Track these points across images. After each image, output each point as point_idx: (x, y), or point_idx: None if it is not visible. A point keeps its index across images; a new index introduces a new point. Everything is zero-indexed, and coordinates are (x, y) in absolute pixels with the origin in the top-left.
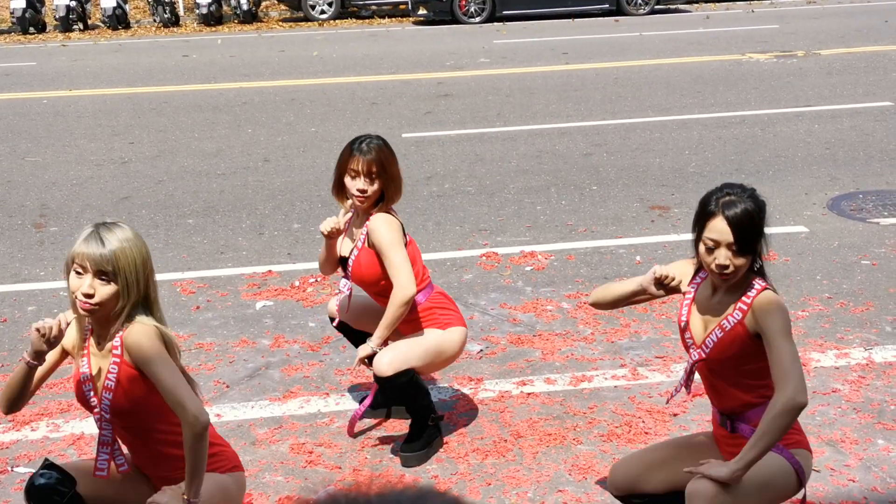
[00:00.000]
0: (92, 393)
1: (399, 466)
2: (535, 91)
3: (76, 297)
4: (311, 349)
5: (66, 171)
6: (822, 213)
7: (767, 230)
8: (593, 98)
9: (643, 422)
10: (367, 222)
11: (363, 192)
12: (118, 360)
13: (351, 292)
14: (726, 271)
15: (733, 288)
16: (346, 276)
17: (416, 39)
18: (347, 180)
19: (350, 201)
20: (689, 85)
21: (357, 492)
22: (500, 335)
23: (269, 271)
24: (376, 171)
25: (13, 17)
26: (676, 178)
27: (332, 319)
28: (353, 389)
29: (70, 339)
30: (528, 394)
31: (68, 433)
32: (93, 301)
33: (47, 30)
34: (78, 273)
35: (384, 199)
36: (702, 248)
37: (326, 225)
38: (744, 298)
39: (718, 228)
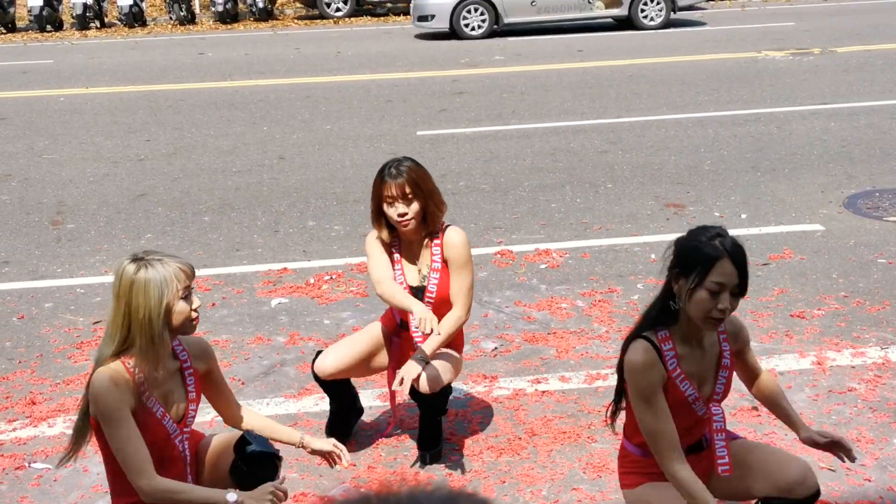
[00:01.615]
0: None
1: (413, 463)
2: (550, 88)
3: (188, 321)
4: (325, 346)
5: (82, 169)
6: (838, 211)
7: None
8: (608, 95)
9: None
10: (443, 237)
11: (404, 215)
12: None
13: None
14: (724, 316)
15: (703, 335)
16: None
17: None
18: (386, 208)
19: (385, 232)
20: (705, 82)
21: (372, 490)
22: (515, 333)
23: (285, 268)
24: (411, 192)
25: (30, 15)
26: (692, 176)
27: (318, 378)
28: (367, 387)
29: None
30: (543, 392)
31: None
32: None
33: (64, 28)
34: (185, 297)
35: (427, 216)
36: (701, 294)
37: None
38: (722, 332)
39: (727, 271)
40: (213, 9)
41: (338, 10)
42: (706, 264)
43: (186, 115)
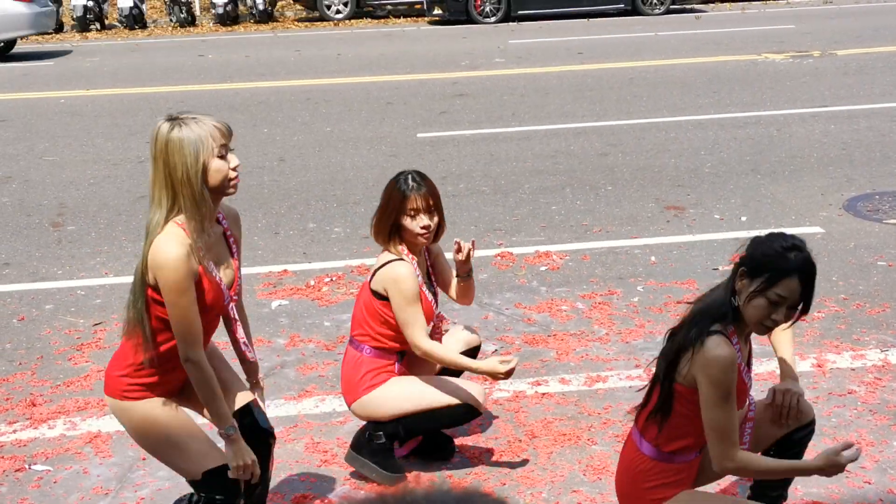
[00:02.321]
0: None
1: (412, 465)
2: (551, 91)
3: (226, 181)
4: (326, 348)
5: (83, 171)
6: (838, 213)
7: None
8: (608, 98)
9: None
10: (430, 251)
11: (427, 227)
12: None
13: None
14: (776, 326)
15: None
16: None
17: (432, 39)
18: (408, 222)
19: (401, 246)
20: (705, 85)
21: (388, 491)
22: (515, 335)
23: (285, 270)
24: (434, 204)
25: None
26: (692, 179)
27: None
28: None
29: (195, 259)
30: (543, 394)
31: (85, 431)
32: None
33: (65, 30)
34: (222, 156)
35: (439, 231)
36: (761, 301)
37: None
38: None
39: (792, 287)
40: (214, 11)
41: (338, 12)
42: (775, 275)
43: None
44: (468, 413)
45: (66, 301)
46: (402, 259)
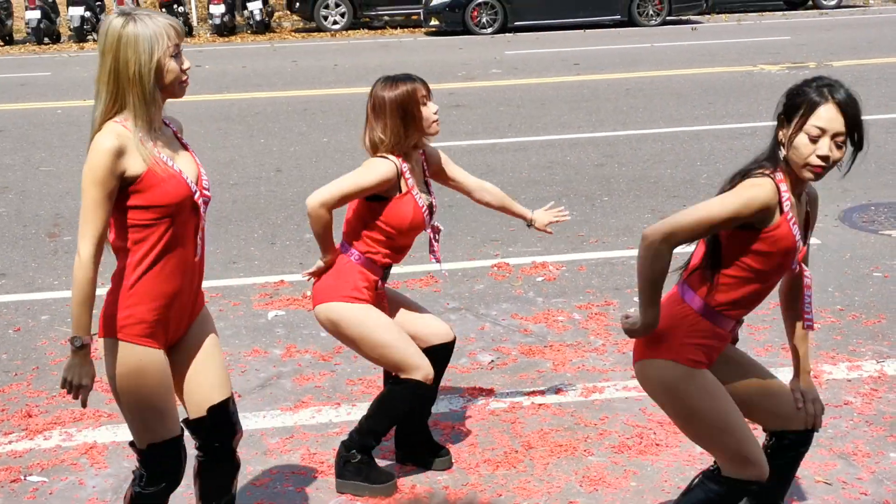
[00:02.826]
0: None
1: (409, 477)
2: (547, 102)
3: (178, 82)
4: (322, 359)
5: (79, 181)
6: (833, 224)
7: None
8: (605, 109)
9: (654, 433)
10: (425, 155)
11: (437, 112)
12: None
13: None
14: (825, 164)
15: (803, 188)
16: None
17: (428, 50)
18: (424, 111)
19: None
20: (701, 96)
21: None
22: (512, 346)
23: (281, 281)
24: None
25: (28, 27)
26: (688, 190)
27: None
28: (364, 399)
29: (140, 154)
30: (539, 405)
31: (81, 442)
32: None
33: (62, 40)
34: (174, 56)
35: None
36: (802, 138)
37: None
38: (807, 193)
39: (828, 116)
40: (211, 22)
41: (335, 22)
42: (809, 108)
43: (183, 127)
44: (418, 391)
45: (62, 311)
46: (390, 159)
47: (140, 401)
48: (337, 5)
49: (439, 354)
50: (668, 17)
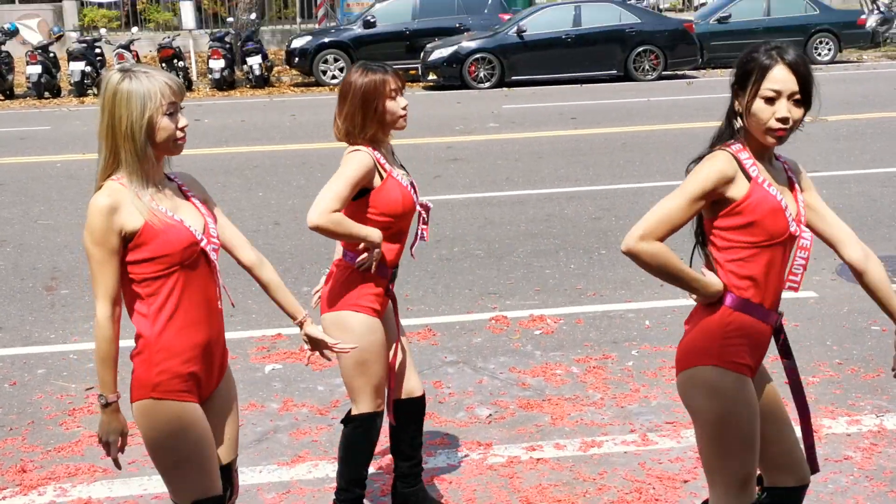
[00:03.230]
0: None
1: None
2: (544, 155)
3: (172, 141)
4: (319, 413)
5: (77, 234)
6: (831, 278)
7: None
8: (602, 162)
9: (653, 488)
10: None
11: (406, 107)
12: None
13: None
14: (786, 125)
15: (771, 153)
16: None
17: (426, 104)
18: (390, 105)
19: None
20: (697, 150)
21: None
22: (510, 399)
23: (279, 334)
24: (404, 85)
25: (29, 82)
26: (685, 242)
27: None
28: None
29: (137, 208)
30: (538, 459)
31: (76, 497)
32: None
33: (62, 94)
34: (170, 114)
35: None
36: (758, 103)
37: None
38: (784, 161)
39: (781, 77)
40: (210, 76)
41: (333, 77)
42: (761, 72)
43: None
44: (367, 422)
45: (58, 365)
46: (362, 150)
47: (183, 459)
48: (335, 60)
49: (408, 408)
50: (663, 72)
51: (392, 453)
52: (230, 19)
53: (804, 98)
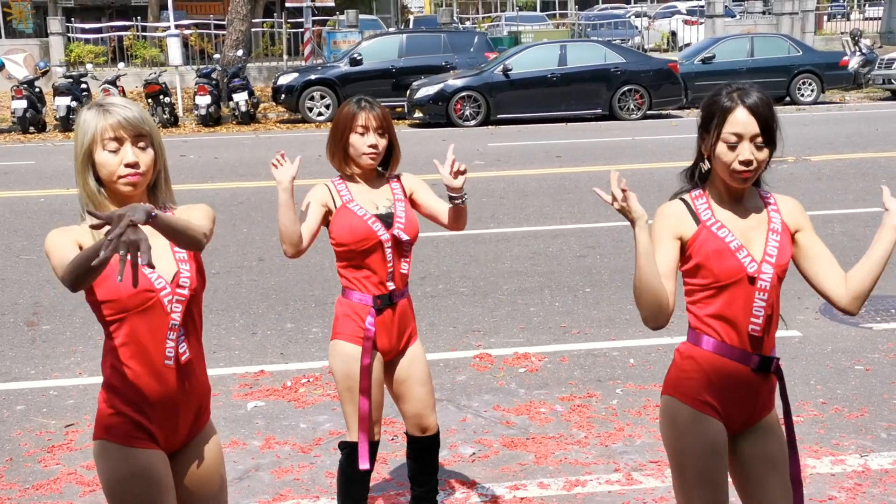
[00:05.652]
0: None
1: None
2: (529, 193)
3: (115, 177)
4: (301, 451)
5: None
6: (814, 317)
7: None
8: (587, 200)
9: None
10: (400, 182)
11: (375, 147)
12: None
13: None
14: (750, 167)
15: (748, 196)
16: (390, 233)
17: (412, 141)
18: (355, 139)
19: (355, 169)
20: None
21: None
22: (493, 438)
23: (262, 371)
24: (385, 126)
25: (14, 116)
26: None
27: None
28: None
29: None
30: (522, 498)
31: None
32: (140, 170)
33: (47, 129)
34: (112, 151)
35: (392, 161)
36: (721, 147)
37: (287, 174)
38: (769, 201)
39: (741, 121)
40: (196, 112)
41: (320, 114)
42: (722, 116)
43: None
44: (353, 451)
45: (37, 402)
46: (327, 184)
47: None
48: (322, 97)
49: (418, 444)
50: (648, 112)
51: (409, 478)
52: (217, 56)
53: (767, 139)
